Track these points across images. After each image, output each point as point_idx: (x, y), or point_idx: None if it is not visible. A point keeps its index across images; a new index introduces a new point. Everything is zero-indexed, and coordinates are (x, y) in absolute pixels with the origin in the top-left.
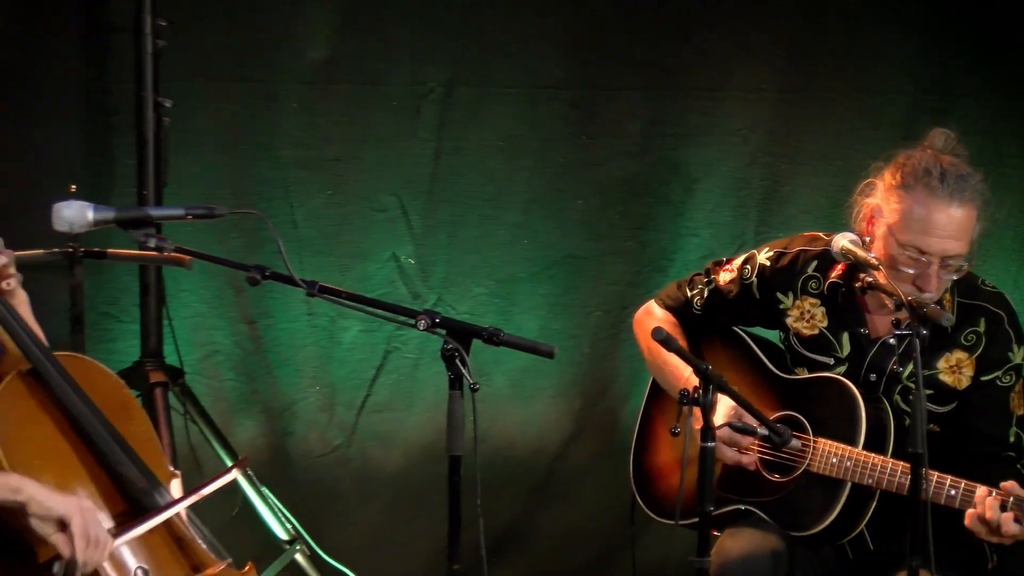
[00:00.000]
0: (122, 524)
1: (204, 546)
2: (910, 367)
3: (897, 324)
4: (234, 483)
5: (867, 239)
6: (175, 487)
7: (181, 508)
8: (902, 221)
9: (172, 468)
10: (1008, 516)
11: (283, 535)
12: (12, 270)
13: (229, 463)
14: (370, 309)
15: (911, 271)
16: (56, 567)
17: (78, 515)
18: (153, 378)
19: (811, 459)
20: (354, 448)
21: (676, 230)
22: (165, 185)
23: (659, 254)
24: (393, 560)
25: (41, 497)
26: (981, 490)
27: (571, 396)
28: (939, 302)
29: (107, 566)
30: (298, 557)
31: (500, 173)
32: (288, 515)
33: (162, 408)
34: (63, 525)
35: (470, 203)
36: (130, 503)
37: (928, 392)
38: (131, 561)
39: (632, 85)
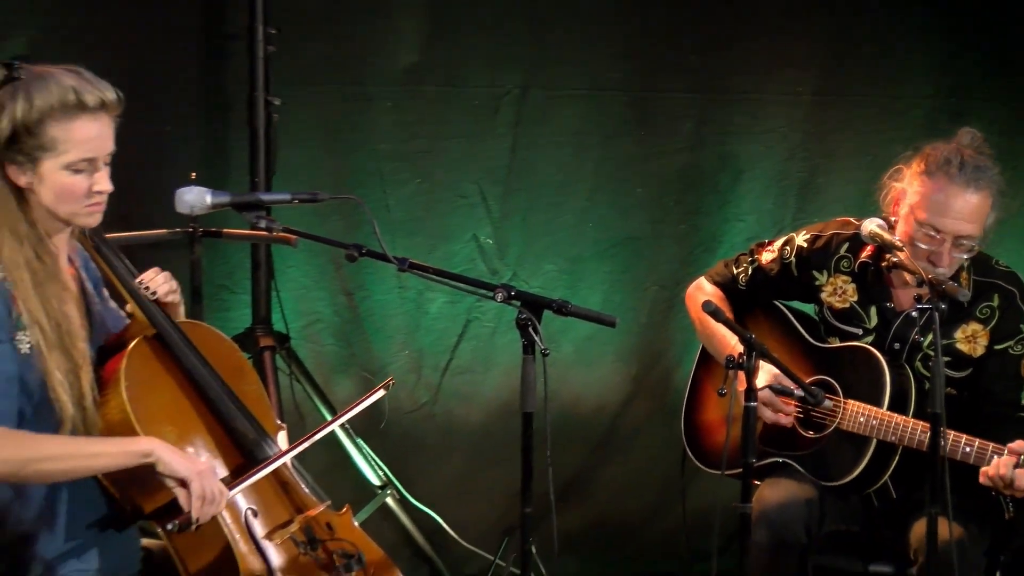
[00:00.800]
0: (236, 473)
1: (306, 490)
2: (930, 337)
3: (919, 299)
4: (333, 434)
5: (893, 219)
6: (282, 439)
7: (332, 427)
8: (923, 203)
9: (279, 422)
10: (1022, 472)
11: (376, 481)
12: (176, 296)
13: (329, 417)
14: (454, 283)
15: (925, 247)
16: (171, 525)
17: (196, 478)
18: (263, 343)
19: (841, 418)
20: (439, 405)
21: (723, 216)
22: (274, 173)
23: (708, 237)
24: (473, 504)
25: (168, 459)
26: (1004, 459)
27: (629, 361)
28: (956, 279)
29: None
30: (389, 501)
31: (568, 165)
32: (380, 464)
33: (270, 369)
34: (183, 484)
35: (541, 191)
36: (243, 453)
37: (946, 359)
38: (242, 503)
39: (684, 88)
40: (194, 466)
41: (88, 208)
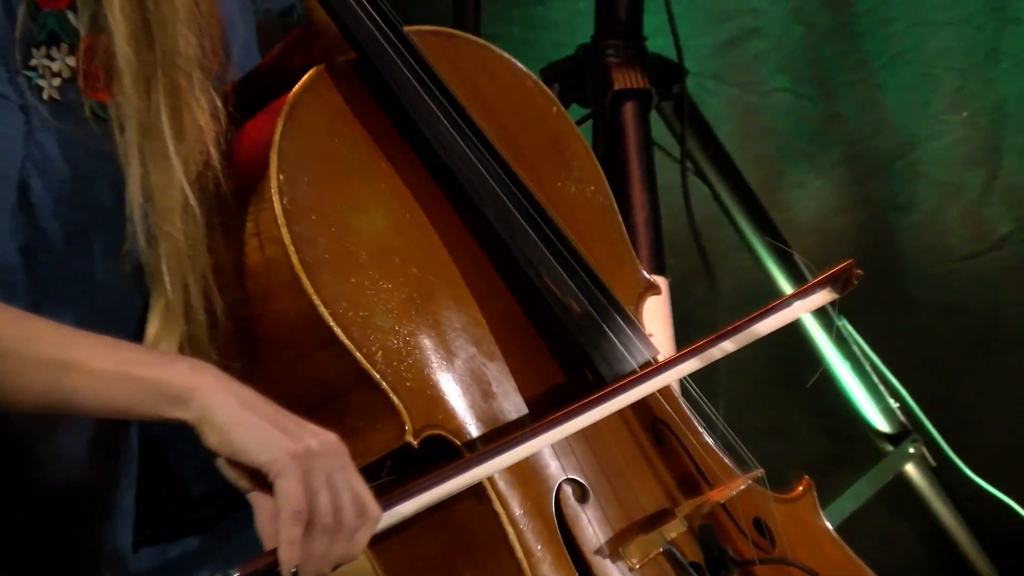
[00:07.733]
0: (546, 395)
1: (709, 441)
2: None
3: None
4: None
5: None
6: (655, 308)
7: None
8: None
9: (650, 276)
10: None
11: (885, 428)
12: None
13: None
14: None
15: None
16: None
17: (291, 465)
18: (619, 83)
19: None
20: None
21: None
22: None
23: None
24: None
25: (230, 421)
26: None
27: None
28: None
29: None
30: (908, 466)
31: None
32: (904, 392)
33: (635, 145)
34: (260, 478)
35: None
36: (556, 344)
37: None
38: (553, 470)
39: None
40: (291, 440)
41: None
